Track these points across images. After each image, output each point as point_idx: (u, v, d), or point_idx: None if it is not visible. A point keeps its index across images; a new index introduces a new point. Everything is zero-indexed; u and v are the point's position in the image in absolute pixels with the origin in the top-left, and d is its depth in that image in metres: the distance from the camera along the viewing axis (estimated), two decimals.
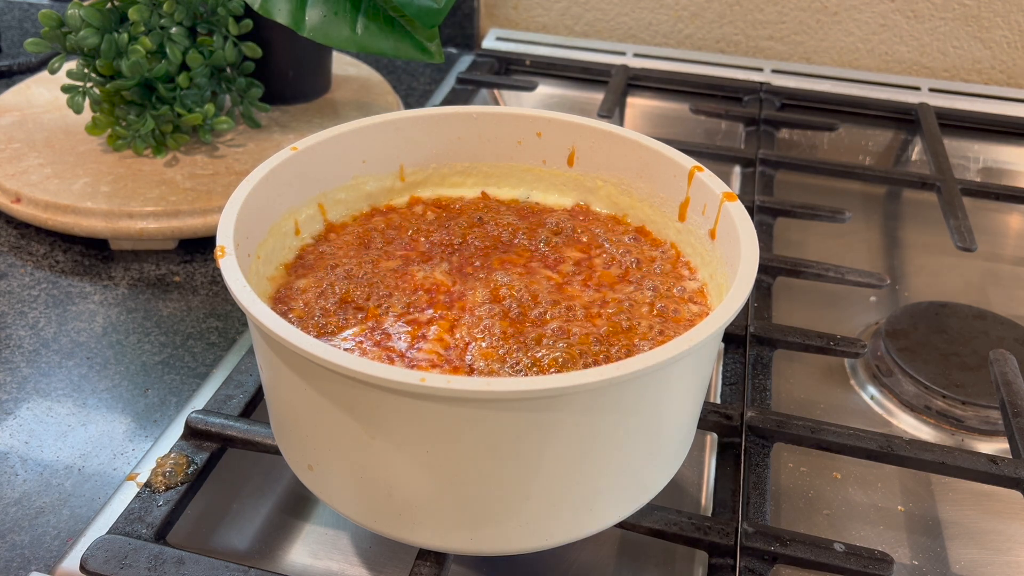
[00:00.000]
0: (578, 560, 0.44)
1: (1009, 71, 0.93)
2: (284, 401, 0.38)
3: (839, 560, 0.40)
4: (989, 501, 0.48)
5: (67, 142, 0.69)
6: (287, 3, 0.61)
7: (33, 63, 0.87)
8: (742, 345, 0.53)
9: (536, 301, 0.42)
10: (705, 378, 0.39)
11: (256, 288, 0.36)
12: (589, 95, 0.90)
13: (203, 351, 0.55)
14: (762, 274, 0.60)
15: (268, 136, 0.72)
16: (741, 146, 0.79)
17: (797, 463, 0.50)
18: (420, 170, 0.50)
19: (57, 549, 0.42)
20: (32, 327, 0.56)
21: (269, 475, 0.47)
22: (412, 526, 0.37)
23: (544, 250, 0.46)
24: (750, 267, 0.37)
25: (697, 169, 0.44)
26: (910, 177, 0.73)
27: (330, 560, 0.43)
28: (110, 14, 0.64)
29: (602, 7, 0.98)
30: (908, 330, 0.57)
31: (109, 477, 0.46)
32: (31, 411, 0.50)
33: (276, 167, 0.43)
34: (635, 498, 0.39)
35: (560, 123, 0.48)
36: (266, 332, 0.33)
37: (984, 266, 0.70)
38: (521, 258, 0.46)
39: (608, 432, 0.34)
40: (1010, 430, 0.47)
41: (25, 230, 0.65)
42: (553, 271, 0.45)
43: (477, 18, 0.99)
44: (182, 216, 0.62)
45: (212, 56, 0.67)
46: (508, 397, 0.31)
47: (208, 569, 0.38)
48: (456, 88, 0.87)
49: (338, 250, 0.46)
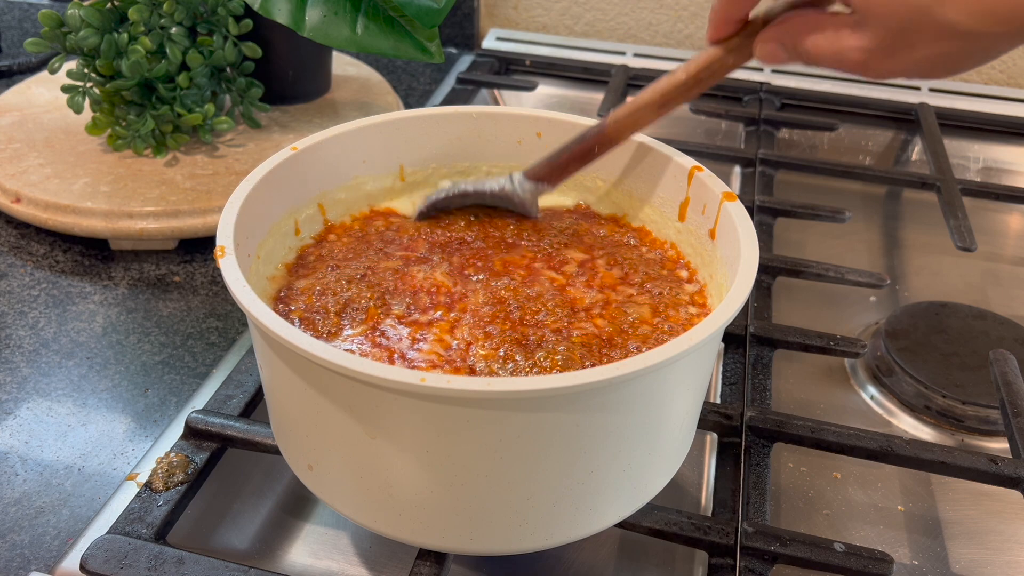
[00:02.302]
0: (578, 560, 0.44)
1: (1009, 71, 0.93)
2: (284, 401, 0.38)
3: (839, 560, 0.40)
4: (989, 501, 0.48)
5: (67, 142, 0.69)
6: (287, 3, 0.61)
7: (33, 63, 0.87)
8: (742, 345, 0.53)
9: (538, 302, 0.42)
10: (705, 378, 0.39)
11: (256, 288, 0.36)
12: (589, 95, 0.90)
13: (203, 351, 0.55)
14: (762, 274, 0.60)
15: (268, 136, 0.72)
16: (741, 146, 0.79)
17: (797, 463, 0.50)
18: (420, 170, 0.50)
19: (57, 549, 0.42)
20: (32, 327, 0.56)
21: (269, 475, 0.47)
22: (412, 526, 0.37)
23: (549, 251, 0.46)
24: (750, 267, 0.37)
25: (697, 169, 0.44)
26: (910, 177, 0.73)
27: (330, 560, 0.43)
28: (110, 14, 0.64)
29: (602, 7, 0.98)
30: (908, 330, 0.57)
31: (109, 477, 0.46)
32: (31, 411, 0.50)
33: (276, 167, 0.43)
34: (635, 498, 0.39)
35: (560, 123, 0.48)
36: (266, 332, 0.33)
37: (984, 266, 0.70)
38: (524, 259, 0.46)
39: (608, 432, 0.34)
40: (1010, 430, 0.47)
41: (25, 230, 0.65)
42: (557, 272, 0.45)
43: (477, 18, 0.99)
44: (182, 216, 0.62)
45: (212, 56, 0.67)
46: (508, 397, 0.31)
47: (208, 569, 0.38)
48: (456, 88, 0.87)
49: (338, 250, 0.46)
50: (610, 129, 0.42)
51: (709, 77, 0.39)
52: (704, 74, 0.39)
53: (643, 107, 0.41)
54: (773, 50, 0.36)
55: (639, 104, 0.41)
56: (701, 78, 0.39)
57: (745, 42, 0.38)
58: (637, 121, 0.42)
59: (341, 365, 0.31)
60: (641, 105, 0.41)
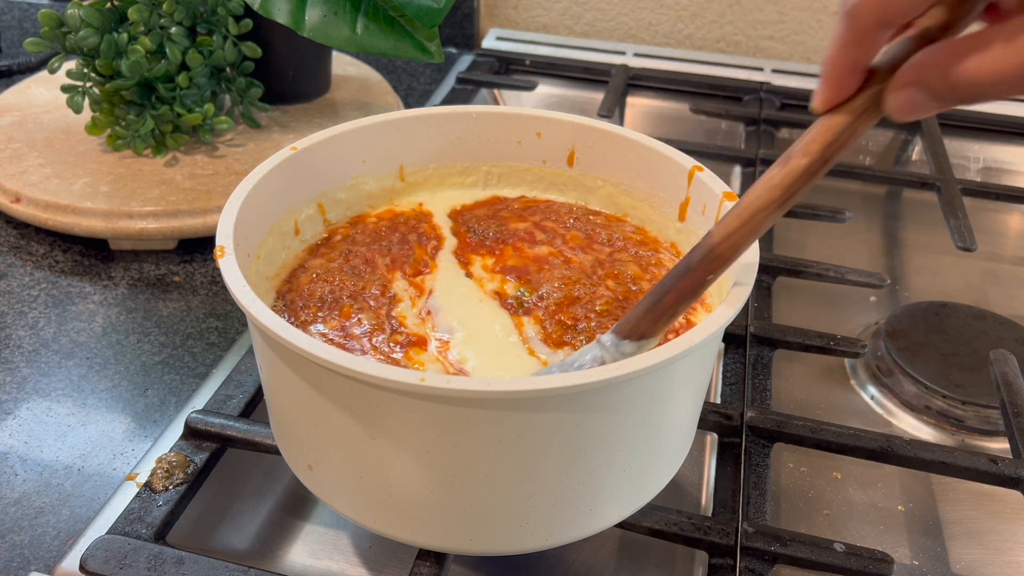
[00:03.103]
0: (578, 560, 0.44)
1: None
2: (284, 401, 0.38)
3: (839, 560, 0.40)
4: (989, 501, 0.48)
5: (67, 142, 0.69)
6: (287, 3, 0.61)
7: (33, 63, 0.87)
8: (742, 345, 0.53)
9: (539, 274, 0.43)
10: (705, 378, 0.39)
11: (256, 288, 0.36)
12: (589, 95, 0.90)
13: (203, 351, 0.55)
14: (762, 274, 0.60)
15: (268, 136, 0.72)
16: (741, 146, 0.79)
17: (797, 463, 0.50)
18: (420, 170, 0.50)
19: (57, 549, 0.42)
20: (32, 327, 0.56)
21: (269, 475, 0.47)
22: (412, 526, 0.37)
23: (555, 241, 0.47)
24: (750, 267, 0.37)
25: (697, 169, 0.44)
26: (910, 177, 0.73)
27: (330, 560, 0.43)
28: (110, 14, 0.64)
29: (602, 7, 0.98)
30: (908, 330, 0.57)
31: (109, 477, 0.46)
32: (31, 411, 0.50)
33: (276, 167, 0.43)
34: (635, 498, 0.39)
35: (560, 123, 0.48)
36: (266, 332, 0.33)
37: (984, 266, 0.70)
38: (525, 244, 0.46)
39: (608, 432, 0.34)
40: (1010, 430, 0.47)
41: (25, 230, 0.65)
42: (555, 249, 0.46)
43: (477, 18, 0.99)
44: (182, 216, 0.62)
45: (212, 56, 0.67)
46: (508, 397, 0.31)
47: (208, 569, 0.38)
48: (456, 88, 0.87)
49: (338, 250, 0.46)
50: (722, 248, 0.33)
51: (836, 153, 0.30)
52: (831, 151, 0.30)
53: (761, 210, 0.32)
54: (912, 97, 0.28)
55: (755, 208, 0.32)
56: (828, 157, 0.30)
57: (874, 97, 0.29)
58: (756, 228, 0.32)
59: (341, 365, 0.31)
60: (759, 208, 0.32)
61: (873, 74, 0.29)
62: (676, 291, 0.34)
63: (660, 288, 0.34)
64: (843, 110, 0.30)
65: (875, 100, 0.29)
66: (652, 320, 0.35)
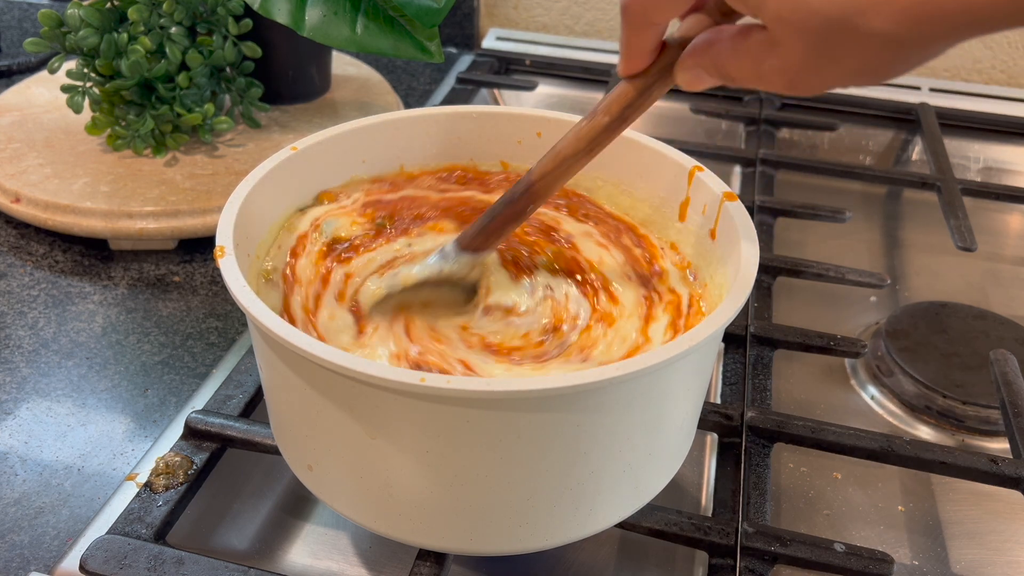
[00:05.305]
0: (578, 560, 0.44)
1: (1009, 71, 0.93)
2: (284, 401, 0.38)
3: (839, 560, 0.40)
4: (989, 501, 0.48)
5: (67, 142, 0.69)
6: (287, 3, 0.61)
7: (33, 63, 0.87)
8: (742, 345, 0.53)
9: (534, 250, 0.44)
10: (705, 378, 0.39)
11: (256, 288, 0.36)
12: (589, 95, 0.90)
13: (203, 351, 0.55)
14: (762, 274, 0.60)
15: (268, 136, 0.72)
16: (741, 146, 0.79)
17: (797, 463, 0.50)
18: (420, 170, 0.50)
19: (57, 549, 0.42)
20: (32, 327, 0.56)
21: (269, 475, 0.47)
22: (412, 526, 0.37)
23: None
24: (750, 267, 0.37)
25: (697, 169, 0.44)
26: (910, 177, 0.73)
27: (330, 560, 0.43)
28: (110, 14, 0.64)
29: (602, 7, 0.98)
30: (908, 330, 0.57)
31: (109, 477, 0.46)
32: (31, 411, 0.50)
33: (276, 167, 0.43)
34: (635, 498, 0.39)
35: (560, 123, 0.48)
36: (266, 332, 0.33)
37: (984, 266, 0.70)
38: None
39: (608, 432, 0.34)
40: (1010, 430, 0.47)
41: (25, 230, 0.65)
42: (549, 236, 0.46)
43: (477, 18, 0.99)
44: (182, 216, 0.62)
45: (212, 56, 0.67)
46: (508, 397, 0.31)
47: (208, 569, 0.38)
48: (456, 88, 0.87)
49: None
50: (538, 186, 0.39)
51: (633, 113, 0.36)
52: (629, 112, 0.36)
53: (570, 157, 0.38)
54: (697, 76, 0.34)
55: (565, 154, 0.38)
56: (626, 116, 0.36)
57: (665, 70, 0.35)
58: (566, 171, 0.38)
59: (341, 365, 0.31)
60: (568, 155, 0.38)
61: (666, 47, 0.35)
62: (502, 216, 0.40)
63: (491, 211, 0.40)
64: (641, 77, 0.35)
65: (667, 70, 0.35)
66: (484, 238, 0.40)
